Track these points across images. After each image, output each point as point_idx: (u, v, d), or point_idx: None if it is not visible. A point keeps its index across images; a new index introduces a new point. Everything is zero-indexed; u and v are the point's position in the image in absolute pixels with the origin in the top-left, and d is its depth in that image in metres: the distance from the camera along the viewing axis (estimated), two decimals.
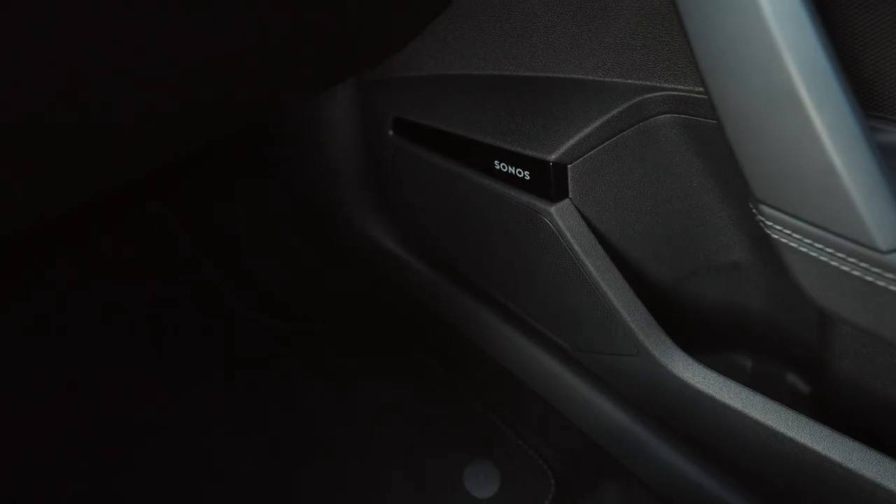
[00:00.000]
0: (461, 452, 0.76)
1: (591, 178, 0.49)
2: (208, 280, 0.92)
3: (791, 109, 0.27)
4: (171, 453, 0.75)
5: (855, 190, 0.27)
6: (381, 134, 0.64)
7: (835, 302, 0.33)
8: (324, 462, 0.75)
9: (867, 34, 0.32)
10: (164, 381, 0.82)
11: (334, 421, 0.79)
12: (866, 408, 0.48)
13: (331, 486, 0.73)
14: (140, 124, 0.37)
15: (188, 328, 0.88)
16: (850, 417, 0.51)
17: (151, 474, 0.73)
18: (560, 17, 0.44)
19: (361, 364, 0.84)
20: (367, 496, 0.72)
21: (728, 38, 0.29)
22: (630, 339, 0.53)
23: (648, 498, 0.65)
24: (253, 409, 0.80)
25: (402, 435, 0.78)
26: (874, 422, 0.49)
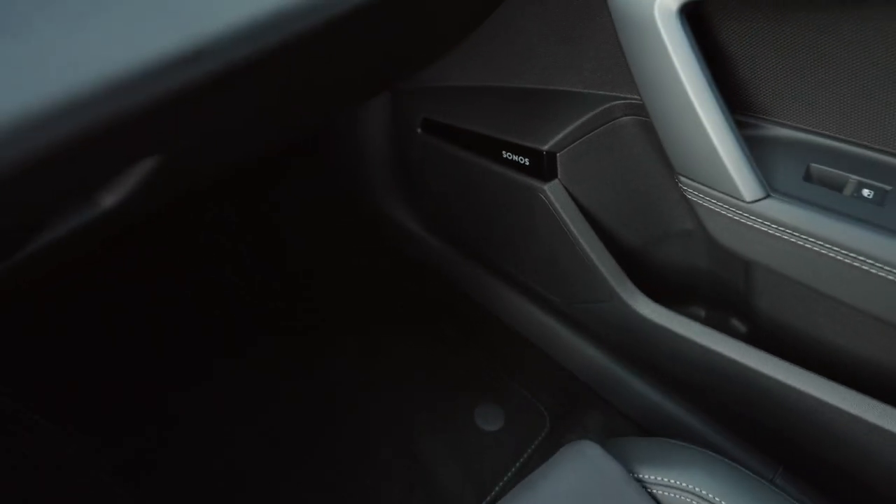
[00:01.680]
0: (472, 396, 0.92)
1: (575, 163, 0.65)
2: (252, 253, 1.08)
3: (688, 113, 0.44)
4: (231, 388, 0.91)
5: (728, 162, 0.44)
6: (410, 132, 0.80)
7: (728, 240, 0.49)
8: (356, 404, 0.91)
9: (734, 62, 0.48)
10: (222, 337, 0.98)
11: (366, 370, 0.95)
12: (781, 333, 0.64)
13: (363, 422, 0.89)
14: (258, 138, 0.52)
15: (239, 294, 1.04)
16: (773, 342, 0.66)
17: (211, 397, 0.90)
18: (551, 46, 0.60)
19: (387, 326, 1.01)
20: (394, 430, 0.89)
21: (651, 68, 0.45)
22: (605, 288, 0.69)
23: (626, 422, 0.81)
24: (297, 359, 0.96)
25: (423, 384, 0.94)
26: (787, 343, 0.64)
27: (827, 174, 0.46)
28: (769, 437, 0.67)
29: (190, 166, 0.34)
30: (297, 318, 1.02)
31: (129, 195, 0.31)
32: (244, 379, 0.94)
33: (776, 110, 0.48)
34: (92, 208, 0.31)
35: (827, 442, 0.60)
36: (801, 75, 0.46)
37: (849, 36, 0.42)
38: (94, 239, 0.34)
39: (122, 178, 0.30)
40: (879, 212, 0.44)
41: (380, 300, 1.04)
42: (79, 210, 0.30)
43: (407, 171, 0.88)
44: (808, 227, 0.45)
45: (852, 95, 0.44)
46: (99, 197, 0.31)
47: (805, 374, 0.57)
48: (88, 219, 0.30)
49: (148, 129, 0.24)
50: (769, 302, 0.62)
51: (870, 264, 0.44)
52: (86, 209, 0.30)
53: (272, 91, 0.29)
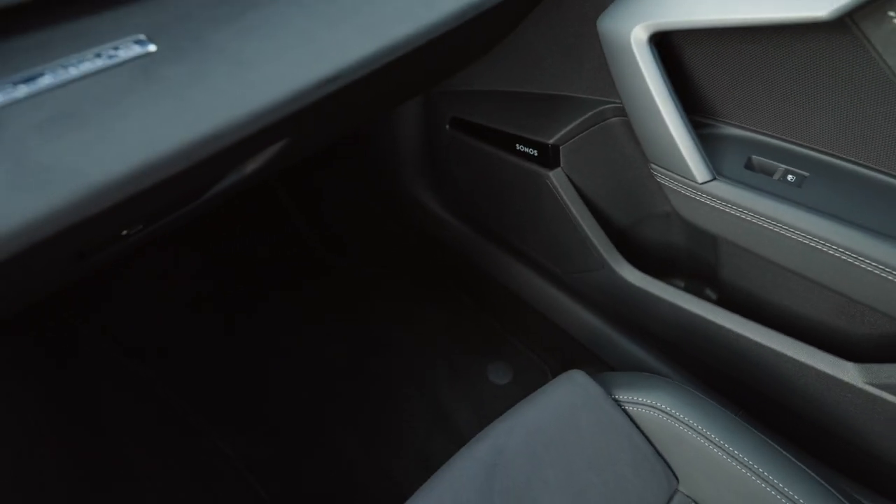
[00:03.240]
0: (484, 355, 1.08)
1: (575, 155, 0.79)
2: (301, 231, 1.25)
3: (655, 114, 0.58)
4: (290, 347, 1.08)
5: (684, 151, 0.58)
6: (440, 128, 0.95)
7: (687, 213, 0.64)
8: (385, 359, 1.07)
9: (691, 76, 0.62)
10: (278, 297, 1.15)
11: (393, 330, 1.11)
12: (742, 297, 0.78)
13: (390, 373, 1.05)
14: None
15: (292, 251, 1.22)
16: (737, 305, 0.79)
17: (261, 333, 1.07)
18: (556, 58, 0.75)
19: (412, 292, 1.16)
20: (417, 381, 1.04)
21: (628, 80, 0.59)
22: (598, 258, 0.83)
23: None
24: (336, 317, 1.12)
25: (442, 343, 1.10)
26: (748, 304, 0.77)
27: (762, 163, 0.61)
28: (733, 384, 0.81)
29: (299, 146, 0.49)
30: (337, 275, 1.20)
31: (262, 164, 0.47)
32: (293, 315, 1.12)
33: (725, 113, 0.63)
34: (238, 172, 0.46)
35: (778, 386, 0.73)
36: (742, 87, 0.60)
37: (773, 57, 0.56)
38: (236, 191, 0.49)
39: (259, 154, 0.46)
40: (799, 192, 0.58)
41: (407, 271, 1.20)
42: (232, 174, 0.45)
43: (435, 160, 1.03)
44: (746, 203, 0.59)
45: (780, 103, 0.59)
46: (243, 165, 0.46)
47: (761, 328, 0.71)
48: (238, 179, 0.46)
49: (294, 124, 0.39)
50: (731, 271, 0.77)
51: (792, 232, 0.58)
52: (235, 173, 0.46)
53: (361, 97, 0.44)
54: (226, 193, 0.47)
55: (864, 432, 0.66)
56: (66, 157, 0.28)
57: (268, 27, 0.35)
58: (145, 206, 0.35)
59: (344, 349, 1.08)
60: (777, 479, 0.56)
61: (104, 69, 0.31)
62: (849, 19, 0.48)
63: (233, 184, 0.46)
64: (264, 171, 0.48)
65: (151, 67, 0.31)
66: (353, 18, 0.37)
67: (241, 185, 0.48)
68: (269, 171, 0.49)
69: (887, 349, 0.64)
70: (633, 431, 0.62)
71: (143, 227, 0.43)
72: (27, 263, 0.31)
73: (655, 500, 0.59)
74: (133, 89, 0.31)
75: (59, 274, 0.42)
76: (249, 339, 1.10)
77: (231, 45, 0.34)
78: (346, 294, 1.17)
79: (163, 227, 0.50)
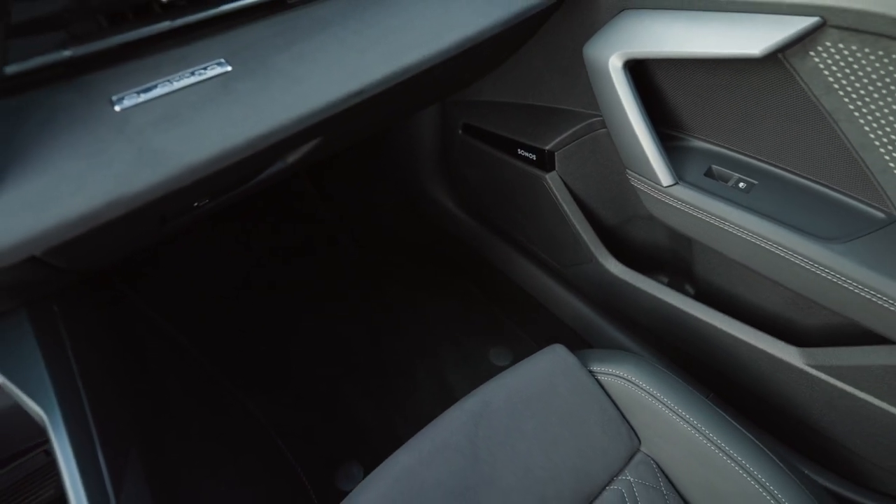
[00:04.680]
0: (487, 340, 1.19)
1: (568, 160, 0.90)
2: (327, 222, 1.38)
3: (628, 127, 0.69)
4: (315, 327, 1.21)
5: (651, 159, 0.69)
6: (453, 134, 1.07)
7: (656, 212, 0.74)
8: (402, 337, 1.19)
9: (660, 96, 0.73)
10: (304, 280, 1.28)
11: (406, 314, 1.23)
12: (713, 290, 0.87)
13: (403, 351, 1.17)
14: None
15: (316, 253, 1.35)
16: (710, 298, 0.89)
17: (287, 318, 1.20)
18: (553, 77, 0.86)
19: (425, 281, 1.28)
20: (426, 360, 1.16)
21: (607, 98, 0.70)
22: (588, 253, 0.94)
23: None
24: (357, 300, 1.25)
25: (451, 328, 1.21)
26: (718, 297, 0.87)
27: (720, 171, 0.71)
28: (702, 367, 0.91)
29: (330, 143, 0.61)
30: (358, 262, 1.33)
31: (301, 156, 0.59)
32: (317, 296, 1.26)
33: (691, 127, 0.73)
34: (283, 162, 0.58)
35: (738, 368, 0.83)
36: (704, 107, 0.71)
37: (726, 84, 0.67)
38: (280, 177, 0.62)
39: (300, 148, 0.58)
40: (747, 197, 0.68)
41: (421, 261, 1.32)
42: (278, 162, 0.58)
43: (449, 161, 1.15)
44: (703, 205, 0.70)
45: (735, 121, 0.69)
46: (287, 157, 0.58)
47: (722, 317, 0.81)
48: (281, 167, 0.58)
49: (328, 126, 0.51)
50: (703, 267, 0.87)
51: (741, 231, 0.68)
52: (281, 162, 0.58)
53: (382, 107, 0.55)
54: (272, 178, 0.59)
55: (805, 408, 0.75)
56: (171, 145, 0.40)
57: (312, 53, 0.47)
58: (217, 182, 0.47)
59: (362, 329, 1.21)
60: (722, 441, 0.66)
61: (196, 83, 0.43)
62: (780, 56, 0.58)
63: (278, 170, 0.59)
64: (302, 161, 0.61)
65: (229, 83, 0.44)
66: (376, 48, 0.49)
67: (284, 173, 0.61)
68: (306, 162, 0.61)
69: (830, 336, 0.74)
70: (602, 397, 0.71)
71: (209, 200, 0.56)
72: (134, 220, 0.43)
73: (618, 455, 0.69)
74: (215, 98, 0.43)
75: (146, 234, 0.54)
76: (277, 315, 1.23)
77: (285, 66, 0.46)
78: (366, 280, 1.30)
79: (223, 202, 0.62)
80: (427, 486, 0.62)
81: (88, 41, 0.38)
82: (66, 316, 0.59)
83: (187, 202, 0.52)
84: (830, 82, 0.57)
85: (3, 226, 0.33)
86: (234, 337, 1.19)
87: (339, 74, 0.47)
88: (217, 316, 1.21)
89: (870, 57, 0.53)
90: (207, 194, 0.53)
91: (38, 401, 0.49)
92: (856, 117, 0.58)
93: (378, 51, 0.49)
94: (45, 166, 0.36)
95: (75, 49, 0.37)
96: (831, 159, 0.63)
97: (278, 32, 0.47)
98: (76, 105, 0.38)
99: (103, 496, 0.50)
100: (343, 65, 0.48)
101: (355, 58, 0.48)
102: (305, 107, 0.45)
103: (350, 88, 0.47)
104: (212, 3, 0.43)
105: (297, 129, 0.45)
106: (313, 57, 0.47)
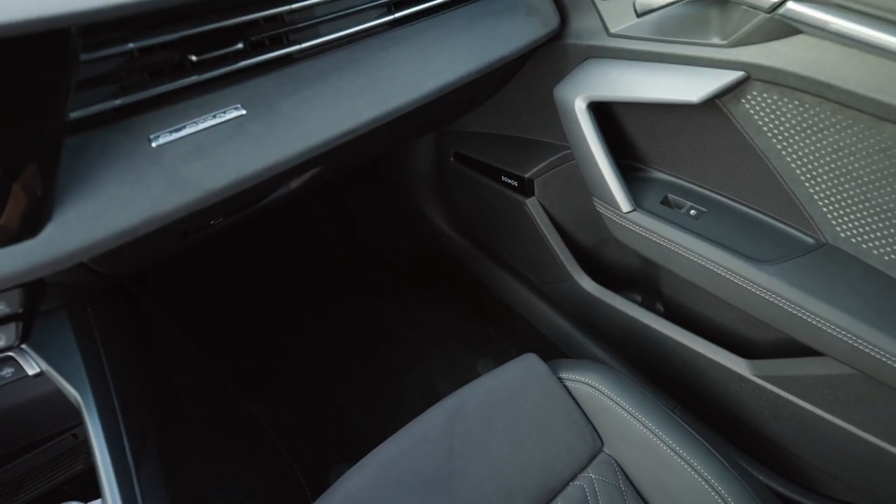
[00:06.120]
0: (475, 351, 1.27)
1: (546, 187, 1.00)
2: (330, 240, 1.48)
3: (592, 159, 0.78)
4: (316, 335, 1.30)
5: (612, 187, 0.78)
6: (445, 160, 1.17)
7: (619, 236, 0.83)
8: (397, 346, 1.28)
9: (621, 132, 0.82)
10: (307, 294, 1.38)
11: (403, 327, 1.32)
12: (678, 308, 0.96)
13: (401, 357, 1.25)
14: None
15: (318, 268, 1.44)
16: (675, 316, 0.97)
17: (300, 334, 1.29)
18: (532, 113, 0.95)
19: (418, 295, 1.38)
20: (418, 370, 1.24)
21: (574, 134, 0.80)
22: (564, 272, 1.03)
23: None
24: (355, 313, 1.34)
25: (441, 340, 1.30)
26: (682, 314, 0.95)
27: (675, 200, 0.80)
28: (667, 378, 0.99)
29: (329, 171, 0.71)
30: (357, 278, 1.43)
31: (302, 182, 0.69)
32: (318, 309, 1.35)
33: (651, 160, 0.83)
34: (286, 187, 0.68)
35: (697, 379, 0.91)
36: (660, 143, 0.80)
37: (676, 124, 0.76)
38: (283, 204, 0.71)
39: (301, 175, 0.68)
40: (697, 224, 0.77)
41: (416, 277, 1.41)
42: (282, 188, 0.67)
43: (441, 186, 1.25)
44: (659, 230, 0.78)
45: (686, 156, 0.78)
46: (290, 183, 0.68)
47: (682, 331, 0.89)
48: (284, 192, 0.68)
49: (326, 158, 0.60)
50: (668, 286, 0.95)
51: (692, 254, 0.77)
52: (284, 187, 0.68)
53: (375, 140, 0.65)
54: (278, 201, 0.69)
55: (755, 416, 0.83)
56: (195, 174, 0.50)
57: (312, 99, 0.57)
58: (231, 204, 0.57)
59: (358, 339, 1.30)
60: (675, 443, 0.73)
61: (217, 124, 0.53)
62: (718, 102, 0.68)
63: (282, 195, 0.69)
64: (304, 187, 0.70)
65: (243, 124, 0.53)
66: (366, 94, 0.59)
67: (288, 197, 0.71)
68: (307, 187, 0.71)
69: (778, 349, 0.81)
70: (569, 401, 0.79)
71: (224, 219, 0.65)
72: (163, 235, 0.53)
73: (581, 454, 0.76)
74: (232, 136, 0.53)
75: (170, 245, 0.64)
76: (279, 322, 1.33)
77: (290, 110, 0.56)
78: (365, 292, 1.40)
79: (235, 220, 0.72)
80: (407, 475, 0.69)
81: (134, 92, 0.48)
82: (98, 317, 0.68)
83: (206, 220, 0.61)
84: (760, 125, 0.67)
85: (64, 236, 0.43)
86: (237, 341, 1.28)
87: (334, 117, 0.57)
88: (223, 322, 1.31)
89: (788, 105, 0.63)
90: (223, 214, 0.62)
91: (74, 386, 0.58)
92: (783, 155, 0.67)
93: (367, 97, 0.59)
94: (97, 190, 0.45)
95: (124, 99, 0.47)
96: (769, 190, 0.72)
97: (284, 82, 0.57)
98: (122, 142, 0.48)
99: (126, 470, 0.59)
100: (338, 109, 0.57)
101: (348, 103, 0.58)
102: (305, 144, 0.54)
103: (343, 128, 0.57)
104: (232, 61, 0.53)
105: (298, 161, 0.54)
106: (313, 102, 0.57)
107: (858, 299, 0.63)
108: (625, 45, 0.73)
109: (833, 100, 0.58)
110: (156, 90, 0.49)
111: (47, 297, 0.55)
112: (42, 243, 0.42)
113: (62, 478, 0.70)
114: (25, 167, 0.39)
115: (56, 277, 0.48)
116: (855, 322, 0.62)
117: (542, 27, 0.74)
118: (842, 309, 0.63)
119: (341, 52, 0.61)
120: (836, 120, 0.59)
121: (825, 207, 0.66)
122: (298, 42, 0.57)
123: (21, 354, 0.58)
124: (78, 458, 0.71)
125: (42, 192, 0.41)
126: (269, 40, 0.55)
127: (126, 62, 0.47)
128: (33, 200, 0.40)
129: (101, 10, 0.38)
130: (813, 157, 0.64)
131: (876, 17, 0.51)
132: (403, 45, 0.64)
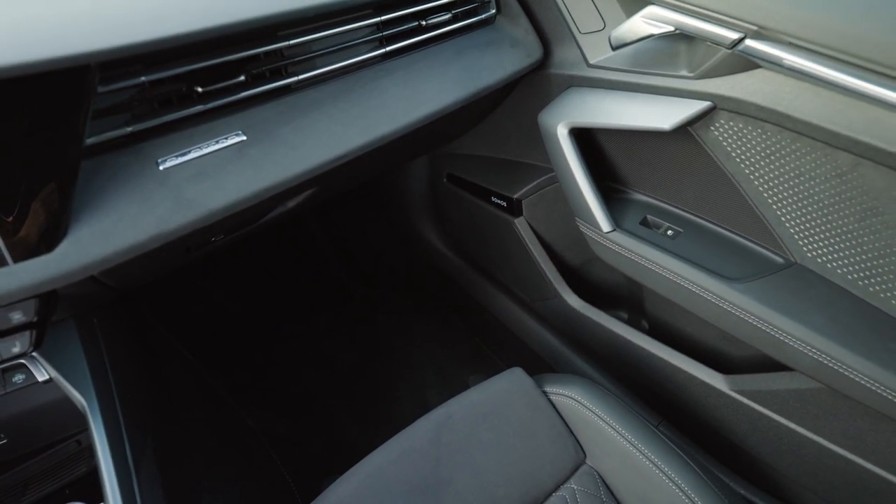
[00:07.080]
0: (467, 366, 1.31)
1: (534, 207, 1.04)
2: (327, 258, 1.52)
3: (573, 182, 0.83)
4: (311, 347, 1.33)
5: (593, 208, 0.82)
6: (439, 181, 1.22)
7: (603, 256, 0.87)
8: (390, 361, 1.31)
9: (602, 155, 0.87)
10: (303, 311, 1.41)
11: (397, 340, 1.35)
12: (661, 325, 0.99)
13: (393, 371, 1.28)
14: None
15: (317, 274, 1.48)
16: (659, 332, 1.00)
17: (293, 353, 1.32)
18: (520, 136, 1.00)
19: (412, 311, 1.41)
20: (411, 383, 1.27)
21: (557, 158, 0.84)
22: (552, 289, 1.07)
23: None
24: (350, 328, 1.38)
25: (435, 355, 1.33)
26: (665, 332, 0.99)
27: (654, 220, 0.84)
28: (649, 392, 1.02)
29: (324, 192, 0.75)
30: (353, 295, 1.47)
31: (298, 203, 0.73)
32: (314, 325, 1.38)
33: (630, 182, 0.87)
34: (283, 206, 0.72)
35: (678, 393, 0.94)
36: (638, 166, 0.84)
37: (653, 149, 0.80)
38: (279, 222, 0.76)
39: (298, 196, 0.72)
40: (673, 244, 0.81)
41: (410, 292, 1.45)
42: (279, 207, 0.72)
43: (435, 206, 1.30)
44: (638, 250, 0.82)
45: (664, 179, 0.82)
46: (287, 202, 0.72)
47: (663, 346, 0.92)
48: (282, 211, 0.72)
49: (320, 180, 0.65)
50: (651, 304, 0.99)
51: (669, 272, 0.80)
52: (281, 207, 0.72)
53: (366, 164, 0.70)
54: (275, 219, 0.73)
55: (733, 429, 0.86)
56: (199, 195, 0.54)
57: (307, 126, 0.62)
58: (231, 222, 0.61)
59: (352, 352, 1.33)
60: (655, 456, 0.75)
61: (220, 149, 0.57)
62: (690, 129, 0.72)
63: (280, 214, 0.73)
64: (299, 207, 0.75)
65: (243, 149, 0.58)
66: (357, 122, 0.64)
67: (285, 216, 0.75)
68: (303, 207, 0.76)
69: (755, 365, 0.85)
70: (553, 414, 0.82)
71: (224, 236, 0.70)
72: (165, 250, 0.57)
73: (564, 466, 0.79)
74: (233, 160, 0.57)
75: (174, 260, 0.68)
76: (275, 336, 1.36)
77: (287, 136, 0.61)
78: (360, 308, 1.44)
79: (235, 238, 0.76)
80: (394, 483, 0.72)
81: (144, 120, 0.52)
82: (103, 328, 0.72)
83: (208, 237, 0.65)
84: (729, 151, 0.71)
85: (78, 251, 0.47)
86: (234, 353, 1.32)
87: (328, 143, 0.61)
88: (221, 334, 1.35)
89: (752, 133, 0.67)
90: (223, 231, 0.67)
91: (81, 392, 0.62)
92: (751, 179, 0.71)
93: (359, 125, 0.64)
94: (108, 209, 0.50)
95: (135, 126, 0.52)
96: (740, 212, 0.76)
97: (283, 110, 0.61)
98: (132, 165, 0.52)
99: (126, 473, 0.62)
100: (331, 135, 0.62)
101: (341, 130, 0.63)
102: (301, 167, 0.59)
103: (336, 153, 0.61)
104: (234, 91, 0.58)
105: (294, 183, 0.58)
106: (308, 129, 0.61)
107: (823, 316, 0.67)
108: (603, 75, 0.77)
109: (791, 129, 0.62)
110: (164, 118, 0.53)
111: (58, 307, 0.59)
112: (58, 257, 0.46)
113: (65, 480, 0.74)
114: (45, 187, 0.43)
115: (68, 289, 0.52)
116: (819, 338, 0.66)
117: (525, 58, 0.79)
118: (807, 325, 0.67)
119: (336, 82, 0.65)
120: (796, 147, 0.64)
121: (792, 229, 0.70)
122: (296, 74, 0.62)
123: (32, 362, 0.62)
124: (80, 462, 0.75)
125: (59, 210, 0.45)
126: (269, 72, 0.60)
127: (138, 93, 0.52)
128: (51, 218, 0.44)
129: (118, 50, 0.43)
130: (778, 181, 0.68)
131: (825, 55, 0.56)
132: (394, 76, 0.68)
